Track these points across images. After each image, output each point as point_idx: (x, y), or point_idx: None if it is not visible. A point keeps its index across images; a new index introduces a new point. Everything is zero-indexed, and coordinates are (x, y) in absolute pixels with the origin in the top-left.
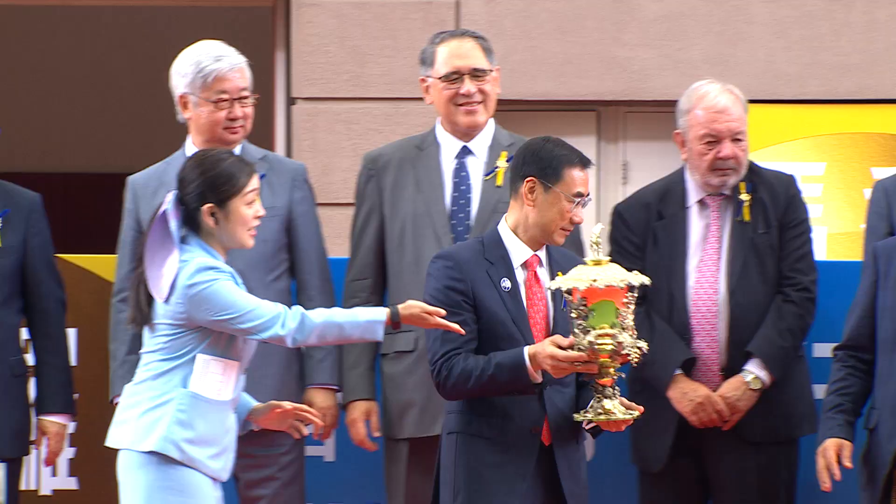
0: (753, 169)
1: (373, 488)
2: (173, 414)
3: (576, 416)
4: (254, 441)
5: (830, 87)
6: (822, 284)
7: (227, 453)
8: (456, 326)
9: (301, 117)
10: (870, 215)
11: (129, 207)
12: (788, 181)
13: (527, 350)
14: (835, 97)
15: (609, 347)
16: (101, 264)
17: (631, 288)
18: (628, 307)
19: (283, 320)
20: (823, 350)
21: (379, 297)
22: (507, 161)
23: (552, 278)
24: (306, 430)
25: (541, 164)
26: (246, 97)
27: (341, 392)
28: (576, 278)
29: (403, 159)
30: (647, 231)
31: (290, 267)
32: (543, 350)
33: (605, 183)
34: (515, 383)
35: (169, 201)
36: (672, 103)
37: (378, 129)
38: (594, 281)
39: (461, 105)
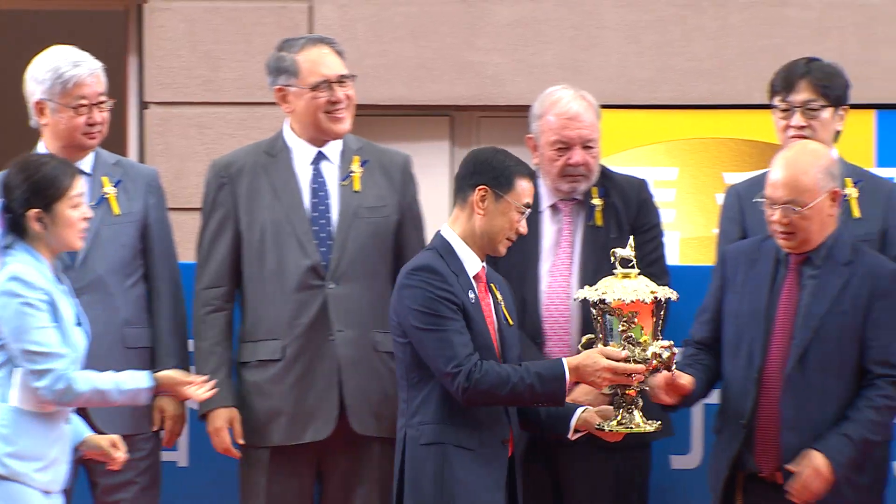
0: (606, 174)
1: (226, 494)
2: None
3: (605, 426)
4: None
5: (682, 92)
6: (674, 288)
7: (56, 465)
8: (211, 393)
9: (153, 122)
10: (722, 220)
11: None
12: (640, 186)
13: (566, 362)
14: (687, 102)
15: (663, 358)
16: None
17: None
18: (661, 319)
19: (54, 378)
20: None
21: (232, 304)
22: (361, 165)
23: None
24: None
25: (494, 173)
26: (103, 102)
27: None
28: (634, 291)
29: (256, 165)
30: None
31: (145, 273)
32: (596, 362)
33: None
34: (552, 395)
35: None
36: (525, 108)
37: (231, 133)
38: (654, 293)
39: (330, 112)
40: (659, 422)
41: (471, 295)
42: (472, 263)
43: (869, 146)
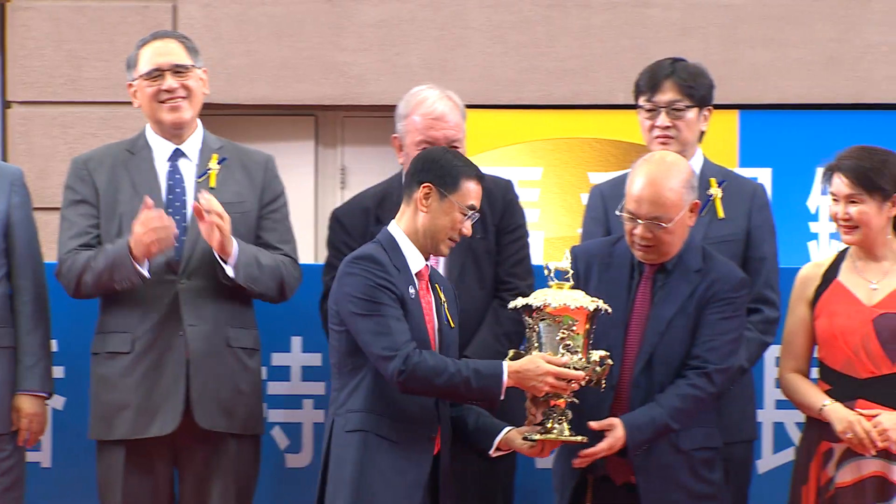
0: None
1: (90, 494)
2: None
3: (535, 436)
4: None
5: (547, 92)
6: (537, 288)
7: None
8: None
9: (16, 121)
10: (586, 220)
11: None
12: (506, 186)
13: (506, 365)
14: (551, 102)
15: (598, 370)
16: None
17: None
18: (593, 329)
19: None
20: None
21: None
22: (219, 163)
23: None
24: None
25: (440, 171)
26: None
27: (50, 397)
28: (575, 299)
29: (116, 161)
30: (367, 236)
31: (8, 272)
32: (538, 367)
33: (322, 188)
34: (487, 392)
35: None
36: (390, 108)
37: (94, 133)
38: (594, 301)
39: (164, 101)
40: (585, 437)
41: (411, 290)
42: (416, 260)
43: (732, 146)
